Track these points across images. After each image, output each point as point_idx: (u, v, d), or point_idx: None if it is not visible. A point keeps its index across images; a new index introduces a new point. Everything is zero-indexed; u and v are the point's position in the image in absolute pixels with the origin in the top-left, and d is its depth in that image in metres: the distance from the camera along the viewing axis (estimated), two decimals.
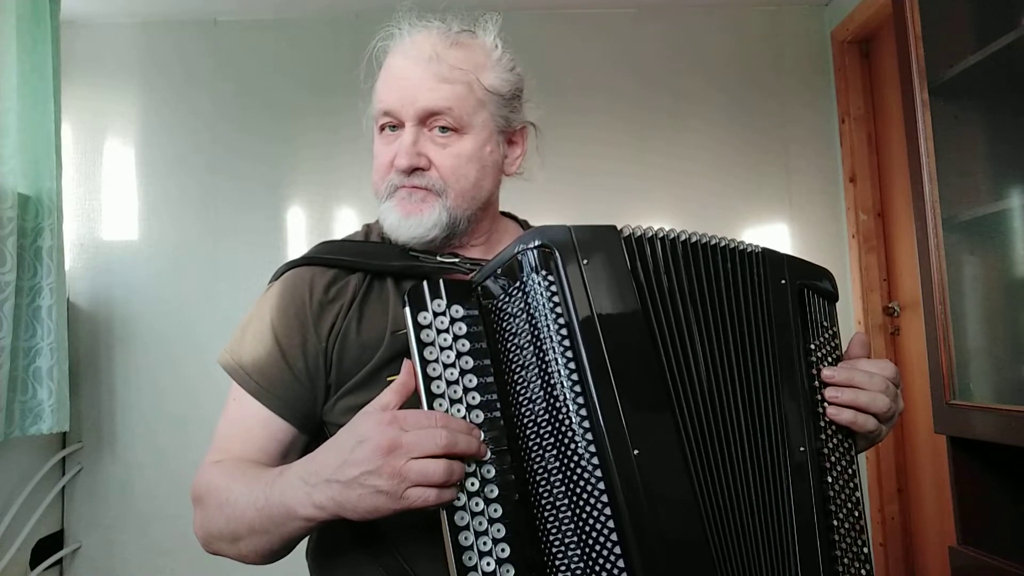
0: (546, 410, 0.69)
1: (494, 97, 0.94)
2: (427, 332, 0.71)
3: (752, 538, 0.74)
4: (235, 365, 0.91)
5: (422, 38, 0.94)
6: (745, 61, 2.70)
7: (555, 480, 0.68)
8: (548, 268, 0.72)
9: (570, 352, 0.69)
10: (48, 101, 2.14)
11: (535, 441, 0.70)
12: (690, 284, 0.79)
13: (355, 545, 0.86)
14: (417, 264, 0.92)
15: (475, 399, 0.71)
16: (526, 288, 0.72)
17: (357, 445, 0.69)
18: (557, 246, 0.72)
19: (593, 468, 0.67)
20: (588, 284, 0.72)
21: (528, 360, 0.71)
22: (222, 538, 0.83)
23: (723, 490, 0.73)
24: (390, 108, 0.93)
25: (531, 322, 0.71)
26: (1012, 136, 1.64)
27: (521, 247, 0.73)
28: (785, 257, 0.86)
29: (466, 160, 0.93)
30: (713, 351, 0.78)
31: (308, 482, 0.72)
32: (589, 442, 0.67)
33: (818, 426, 0.80)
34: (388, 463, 0.67)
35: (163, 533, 2.43)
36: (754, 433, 0.77)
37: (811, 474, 0.78)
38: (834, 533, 0.78)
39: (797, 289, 0.84)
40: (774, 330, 0.81)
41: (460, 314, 0.73)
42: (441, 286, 0.73)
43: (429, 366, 0.70)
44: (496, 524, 0.68)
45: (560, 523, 0.68)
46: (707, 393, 0.76)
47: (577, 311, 0.70)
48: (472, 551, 0.66)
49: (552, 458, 0.69)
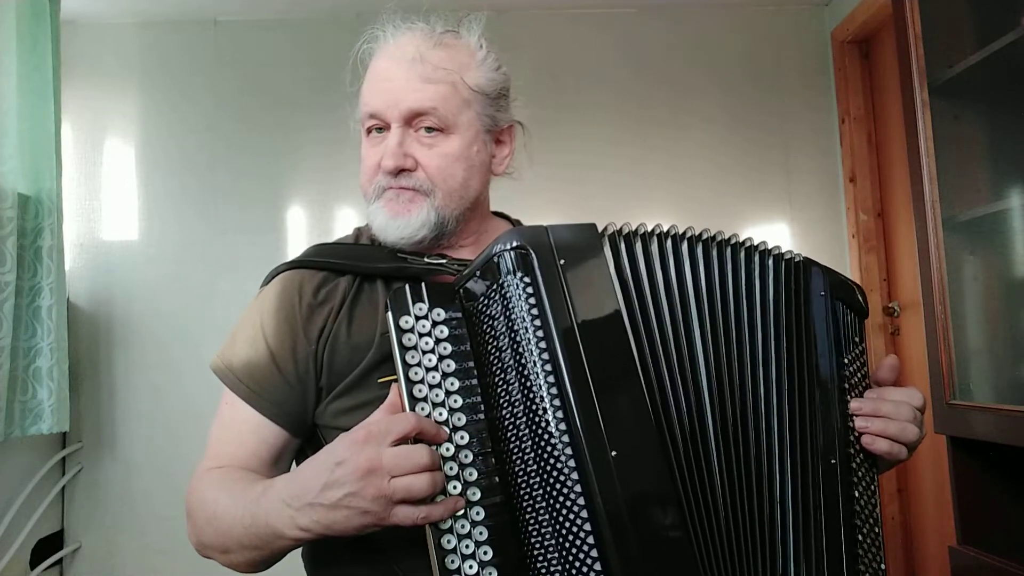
0: (525, 412, 0.69)
1: (480, 96, 0.94)
2: (409, 336, 0.71)
3: (744, 544, 0.73)
4: (226, 369, 0.91)
5: (406, 40, 0.94)
6: (745, 61, 2.70)
7: (534, 482, 0.68)
8: (525, 269, 0.71)
9: (547, 354, 0.68)
10: (48, 101, 2.14)
11: (515, 443, 0.69)
12: (697, 282, 0.78)
13: (348, 549, 0.85)
14: (405, 266, 0.92)
15: (457, 402, 0.70)
16: (504, 290, 0.71)
17: (336, 467, 0.69)
18: (534, 247, 0.71)
19: (570, 471, 0.66)
20: (566, 284, 0.71)
21: (508, 362, 0.70)
22: (213, 548, 0.83)
23: (706, 492, 0.72)
24: (375, 110, 0.93)
25: (509, 324, 0.70)
26: (1012, 136, 1.63)
27: (499, 248, 0.72)
28: (825, 269, 0.85)
29: (453, 160, 0.93)
30: (716, 352, 0.76)
31: (291, 505, 0.72)
32: (566, 444, 0.67)
33: (848, 440, 0.79)
34: (371, 483, 0.67)
35: (163, 533, 2.43)
36: (761, 438, 0.76)
37: (840, 484, 0.77)
38: (858, 547, 0.77)
39: (833, 303, 0.84)
40: (803, 339, 0.80)
41: (442, 317, 0.72)
42: (423, 289, 0.73)
43: (411, 370, 0.70)
44: (479, 527, 0.67)
45: (540, 525, 0.67)
46: (701, 394, 0.75)
47: (554, 312, 0.69)
48: (455, 554, 0.66)
49: (531, 460, 0.68)
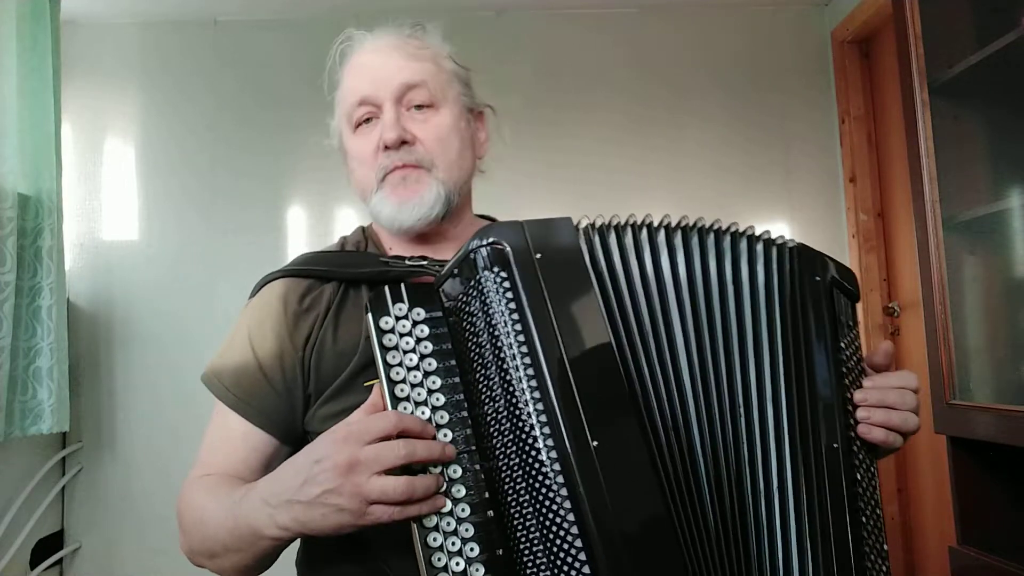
0: (506, 407, 0.69)
1: (458, 73, 0.99)
2: (390, 336, 0.71)
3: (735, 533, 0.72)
4: (215, 379, 0.92)
5: (380, 36, 0.99)
6: (745, 61, 2.70)
7: (517, 476, 0.68)
8: (501, 264, 0.71)
9: (525, 347, 0.69)
10: (48, 101, 2.14)
11: (499, 439, 0.69)
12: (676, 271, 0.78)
13: (339, 552, 0.86)
14: (388, 269, 0.92)
15: (439, 400, 0.70)
16: (481, 286, 0.71)
17: (315, 464, 0.69)
18: (509, 241, 0.72)
19: (552, 461, 0.66)
20: (543, 278, 0.71)
21: (488, 358, 0.70)
22: (202, 554, 0.84)
23: (689, 481, 0.72)
24: (366, 94, 0.95)
25: (488, 320, 0.70)
26: (1012, 136, 1.64)
27: (475, 244, 0.72)
28: (818, 254, 0.85)
29: (448, 131, 0.95)
30: (700, 340, 0.76)
31: (270, 503, 0.72)
32: (547, 436, 0.67)
33: (849, 424, 0.79)
34: (349, 481, 0.66)
35: (163, 533, 2.42)
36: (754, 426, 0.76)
37: (842, 468, 0.77)
38: (863, 529, 0.78)
39: (828, 287, 0.83)
40: (799, 325, 0.80)
41: (422, 316, 0.72)
42: (403, 290, 0.73)
43: (392, 370, 0.70)
44: (464, 523, 0.67)
45: (524, 519, 0.67)
46: (682, 382, 0.74)
47: (532, 306, 0.69)
48: (441, 551, 0.66)
49: (513, 454, 0.68)
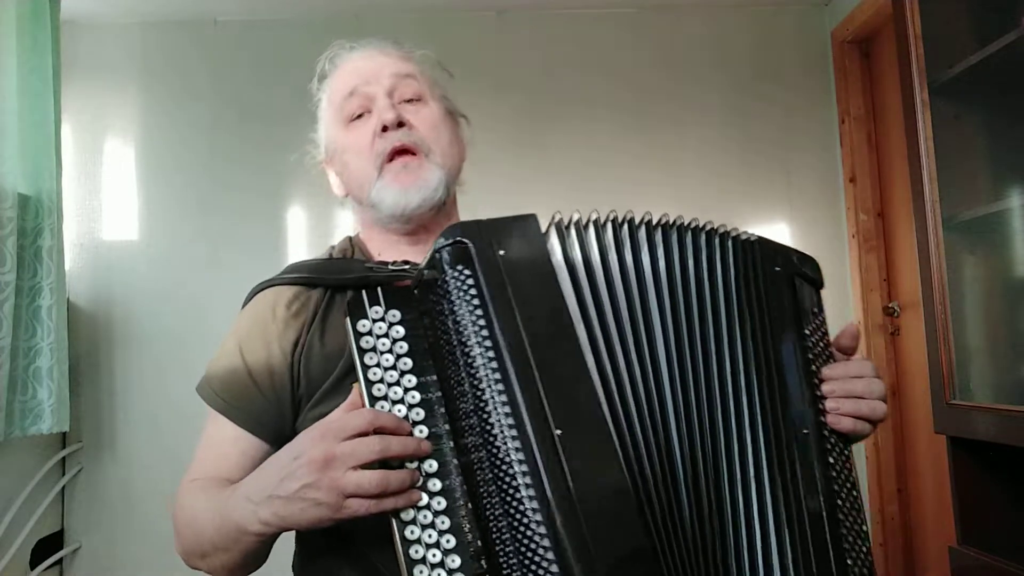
0: (474, 401, 0.72)
1: (439, 81, 1.04)
2: (367, 339, 0.73)
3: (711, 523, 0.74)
4: (206, 386, 0.95)
5: (364, 46, 1.03)
6: (745, 61, 2.70)
7: (486, 468, 0.70)
8: (464, 261, 0.73)
9: (489, 341, 0.71)
10: (48, 101, 2.14)
11: (470, 434, 0.72)
12: (656, 268, 0.79)
13: (333, 553, 0.87)
14: (371, 274, 0.94)
15: (415, 398, 0.72)
16: (447, 284, 0.74)
17: (293, 460, 0.71)
18: (471, 239, 0.74)
19: (516, 451, 0.69)
20: (505, 273, 0.73)
21: (457, 355, 0.73)
22: (194, 555, 0.86)
23: (665, 475, 0.73)
24: (357, 86, 0.99)
25: (454, 318, 0.73)
26: (1012, 136, 1.64)
27: (440, 243, 0.75)
28: (779, 245, 0.87)
29: (439, 121, 0.99)
30: (678, 335, 0.78)
31: (252, 500, 0.75)
32: (511, 426, 0.70)
33: (819, 409, 0.81)
34: (326, 475, 0.69)
35: (163, 533, 2.41)
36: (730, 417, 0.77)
37: (814, 452, 0.79)
38: (838, 511, 0.78)
39: (789, 277, 0.85)
40: (765, 316, 0.82)
41: (398, 318, 0.74)
42: (379, 293, 0.75)
43: (370, 371, 0.72)
44: (440, 516, 0.69)
45: (494, 509, 0.70)
46: (660, 376, 0.76)
47: (494, 301, 0.72)
48: (419, 544, 0.68)
49: (482, 447, 0.71)
